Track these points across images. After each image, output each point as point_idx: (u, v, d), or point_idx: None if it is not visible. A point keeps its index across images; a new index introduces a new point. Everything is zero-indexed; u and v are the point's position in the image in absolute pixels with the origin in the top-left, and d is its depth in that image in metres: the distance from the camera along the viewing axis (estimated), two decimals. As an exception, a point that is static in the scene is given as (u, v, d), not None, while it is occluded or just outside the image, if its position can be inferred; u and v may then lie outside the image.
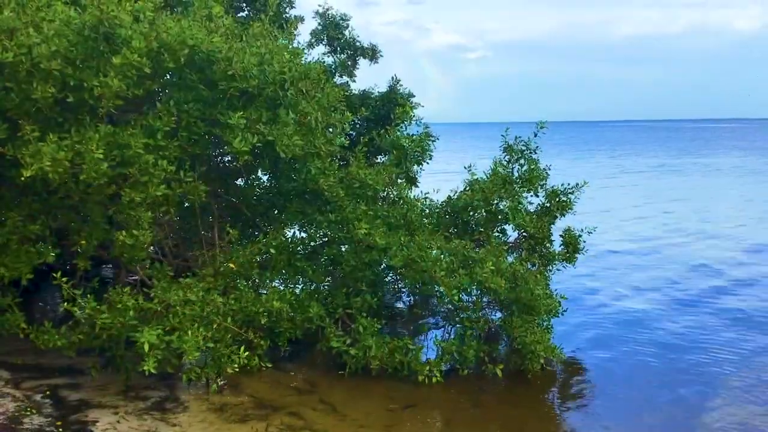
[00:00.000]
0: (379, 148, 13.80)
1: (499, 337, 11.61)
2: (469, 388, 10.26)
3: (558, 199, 12.68)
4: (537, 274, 11.29)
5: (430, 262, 10.44)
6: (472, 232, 12.60)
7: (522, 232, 12.62)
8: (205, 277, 10.23)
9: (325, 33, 14.94)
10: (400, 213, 11.78)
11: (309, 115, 9.94)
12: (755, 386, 10.46)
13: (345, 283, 11.47)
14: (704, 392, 10.32)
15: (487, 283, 10.42)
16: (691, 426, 9.23)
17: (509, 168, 12.67)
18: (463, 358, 10.54)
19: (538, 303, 10.66)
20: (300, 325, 10.60)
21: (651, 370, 11.27)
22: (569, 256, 12.69)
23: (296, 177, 11.37)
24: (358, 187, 11.48)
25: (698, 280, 17.61)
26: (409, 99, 15.17)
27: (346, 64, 15.22)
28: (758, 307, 14.87)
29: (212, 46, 9.20)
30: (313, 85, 10.22)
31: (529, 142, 12.63)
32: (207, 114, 9.62)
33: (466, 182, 12.62)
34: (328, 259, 11.73)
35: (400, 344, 10.54)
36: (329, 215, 11.32)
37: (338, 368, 10.58)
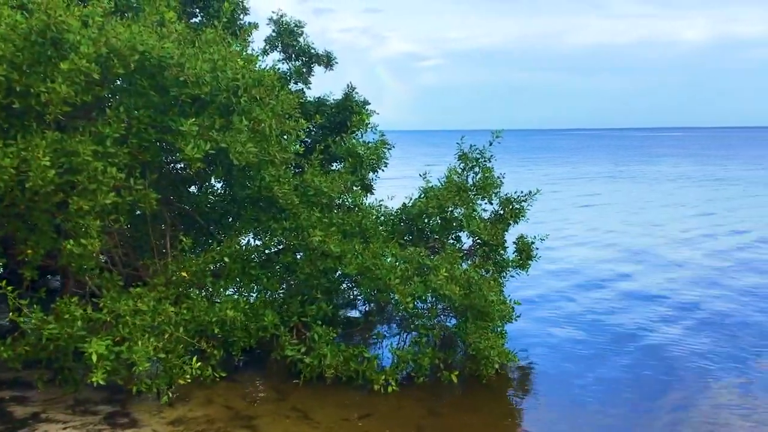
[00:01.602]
0: (334, 155, 13.77)
1: (454, 344, 11.68)
2: (424, 396, 10.27)
3: (511, 206, 12.84)
4: (491, 281, 11.38)
5: (384, 270, 10.45)
6: (427, 240, 12.67)
7: (476, 239, 12.73)
8: (156, 287, 10.04)
9: (280, 40, 14.84)
10: (356, 220, 11.77)
11: (263, 122, 9.86)
12: (709, 383, 10.76)
13: (300, 291, 11.42)
14: (658, 391, 10.58)
15: (441, 290, 10.48)
16: (646, 425, 9.41)
17: (464, 176, 12.78)
18: (419, 365, 10.58)
19: (492, 309, 10.74)
20: (254, 334, 10.49)
21: (604, 371, 11.46)
22: (522, 262, 12.85)
23: (250, 184, 11.27)
24: (313, 195, 11.44)
25: (647, 280, 18.05)
26: (365, 106, 15.16)
27: (301, 71, 15.14)
28: (710, 305, 15.34)
29: (163, 51, 9.05)
30: (267, 92, 10.12)
31: (484, 151, 12.76)
32: (158, 120, 9.46)
33: (421, 190, 12.68)
34: (282, 266, 11.64)
35: (355, 352, 10.53)
36: (284, 223, 11.25)
37: (293, 377, 10.51)
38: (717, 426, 9.30)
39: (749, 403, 10.05)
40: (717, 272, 19.03)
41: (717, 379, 11.02)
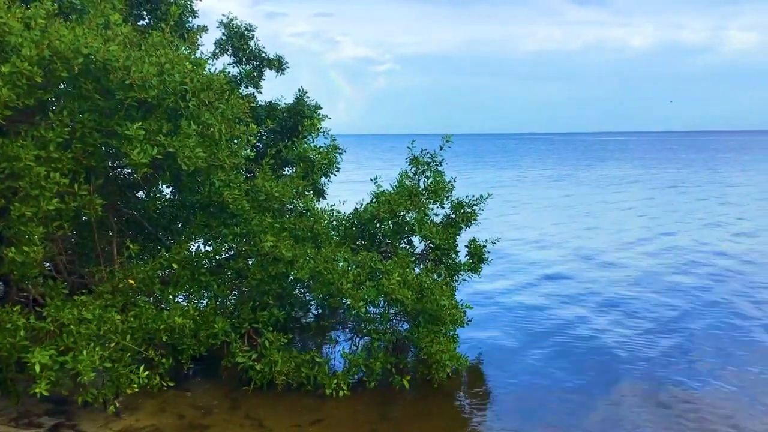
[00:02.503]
0: (286, 160, 13.70)
1: (406, 348, 11.70)
2: (376, 401, 10.27)
3: (463, 210, 12.93)
4: (443, 285, 11.43)
5: (337, 275, 10.43)
6: (379, 244, 12.69)
7: (428, 244, 12.79)
8: (102, 294, 9.82)
9: (230, 43, 14.69)
10: (307, 225, 11.71)
11: (212, 127, 9.73)
12: (655, 380, 11.00)
13: (251, 297, 11.30)
14: (607, 389, 10.80)
15: (393, 294, 10.50)
16: (596, 423, 9.59)
17: (415, 180, 12.83)
18: (371, 370, 10.57)
19: (443, 313, 10.80)
20: (204, 342, 10.34)
21: (554, 372, 11.62)
22: (474, 266, 12.96)
23: (200, 190, 11.13)
24: (264, 200, 11.35)
25: (593, 281, 18.40)
26: (317, 111, 15.11)
27: (252, 75, 15.01)
28: (655, 305, 15.70)
29: (108, 54, 8.85)
30: (217, 95, 10.00)
31: (435, 155, 12.85)
32: (103, 125, 9.26)
33: (373, 194, 12.69)
34: (233, 272, 11.52)
35: (306, 358, 10.47)
36: (235, 228, 11.12)
37: (243, 385, 10.40)
38: (661, 419, 9.55)
39: (690, 396, 10.33)
40: (659, 272, 19.49)
41: (661, 376, 11.29)
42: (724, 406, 10.10)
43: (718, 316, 14.98)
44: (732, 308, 15.64)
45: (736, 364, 11.93)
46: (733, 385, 10.92)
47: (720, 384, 10.99)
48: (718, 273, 19.48)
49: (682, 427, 9.43)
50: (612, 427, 9.46)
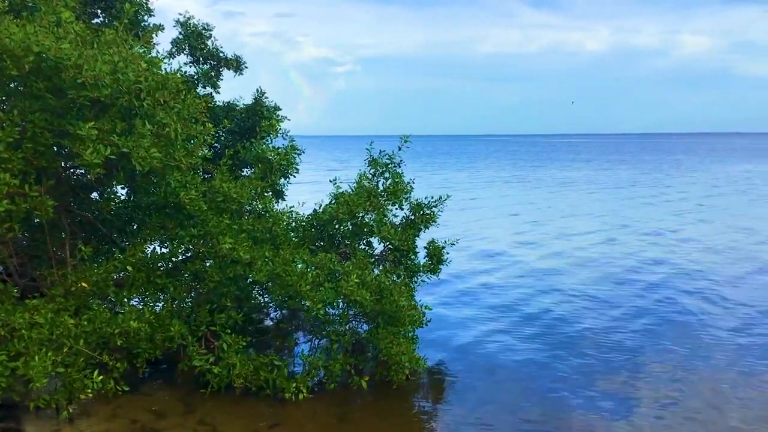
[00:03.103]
0: (244, 161, 13.56)
1: (365, 350, 11.69)
2: (335, 402, 10.23)
3: (422, 212, 12.97)
4: (402, 286, 11.45)
5: (295, 276, 10.36)
6: (338, 245, 12.64)
7: (387, 245, 12.79)
8: (54, 298, 9.61)
9: (187, 42, 14.47)
10: (266, 227, 11.62)
11: (167, 127, 9.58)
12: (611, 383, 11.12)
13: (209, 300, 11.16)
14: (563, 388, 10.91)
15: (352, 295, 10.47)
16: (554, 423, 9.69)
17: (374, 181, 12.82)
18: (330, 372, 10.53)
19: (402, 314, 10.81)
20: (160, 345, 10.19)
21: (512, 374, 11.70)
22: (433, 267, 13.01)
23: (155, 191, 10.97)
24: (222, 201, 11.22)
25: (548, 280, 18.60)
26: (276, 112, 14.98)
27: (209, 75, 14.81)
28: (610, 301, 15.96)
29: (60, 52, 8.67)
30: (172, 95, 9.86)
31: (393, 156, 12.86)
32: (55, 124, 9.06)
33: (331, 195, 12.65)
34: (190, 274, 11.35)
35: (265, 361, 10.38)
36: (191, 230, 10.98)
37: (201, 388, 10.27)
38: (619, 419, 9.71)
39: (648, 388, 10.53)
40: (608, 265, 19.86)
41: (617, 374, 11.48)
42: (683, 400, 10.32)
43: (660, 312, 15.38)
44: (669, 305, 16.08)
45: (685, 359, 12.21)
46: (688, 381, 11.17)
47: (675, 379, 11.23)
48: (657, 273, 19.90)
49: (640, 420, 9.60)
50: (570, 426, 9.58)
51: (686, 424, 9.56)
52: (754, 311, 15.47)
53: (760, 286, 18.11)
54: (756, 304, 16.06)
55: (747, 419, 9.72)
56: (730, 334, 13.76)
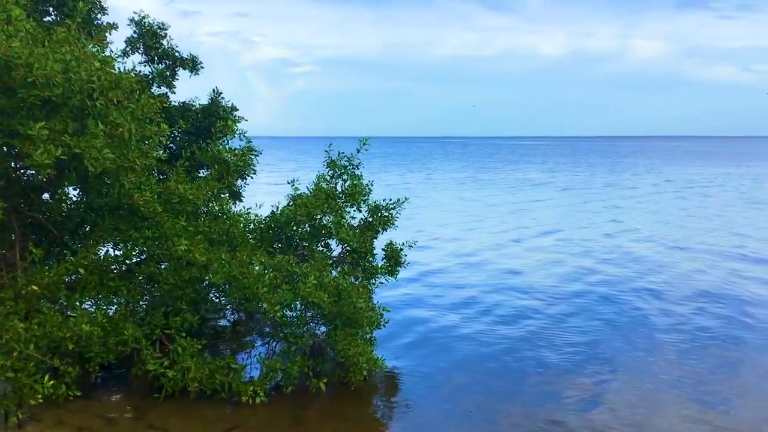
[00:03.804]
0: (200, 162, 13.38)
1: (323, 352, 11.64)
2: (293, 405, 10.18)
3: (380, 213, 12.99)
4: (360, 288, 11.45)
5: (252, 278, 10.28)
6: (296, 247, 12.59)
7: (345, 247, 12.78)
8: (4, 301, 9.36)
9: (141, 41, 14.23)
10: (223, 228, 11.50)
11: (121, 127, 9.40)
12: (561, 385, 11.28)
13: (164, 302, 11.00)
14: (521, 389, 11.04)
15: (310, 297, 10.43)
16: (510, 422, 9.78)
17: (332, 183, 12.81)
18: (288, 374, 10.47)
19: (360, 316, 10.82)
20: (113, 349, 9.99)
21: (469, 373, 11.80)
22: (391, 269, 13.05)
23: (108, 192, 10.74)
24: (178, 202, 11.06)
25: (506, 287, 18.79)
26: (232, 112, 14.82)
27: (165, 75, 14.58)
28: (564, 298, 16.20)
29: (10, 51, 8.43)
30: (126, 95, 9.68)
31: (352, 158, 12.86)
32: (4, 124, 8.82)
33: (289, 197, 12.58)
34: (145, 277, 11.16)
35: (221, 364, 10.27)
36: (146, 231, 10.79)
37: (155, 393, 10.11)
38: (579, 418, 9.86)
39: (606, 394, 10.72)
40: (577, 270, 20.20)
41: (576, 374, 11.66)
42: (630, 402, 10.53)
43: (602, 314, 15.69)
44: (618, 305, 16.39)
45: (634, 357, 12.47)
46: (638, 382, 11.40)
47: (621, 379, 11.45)
48: (604, 273, 20.30)
49: (593, 424, 9.76)
50: (530, 424, 9.69)
51: (630, 417, 9.78)
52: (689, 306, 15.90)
53: (678, 280, 18.60)
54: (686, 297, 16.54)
55: (676, 415, 9.99)
56: (670, 329, 14.12)
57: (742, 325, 14.69)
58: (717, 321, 15.04)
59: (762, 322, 14.96)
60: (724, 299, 16.97)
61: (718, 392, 10.92)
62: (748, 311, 15.81)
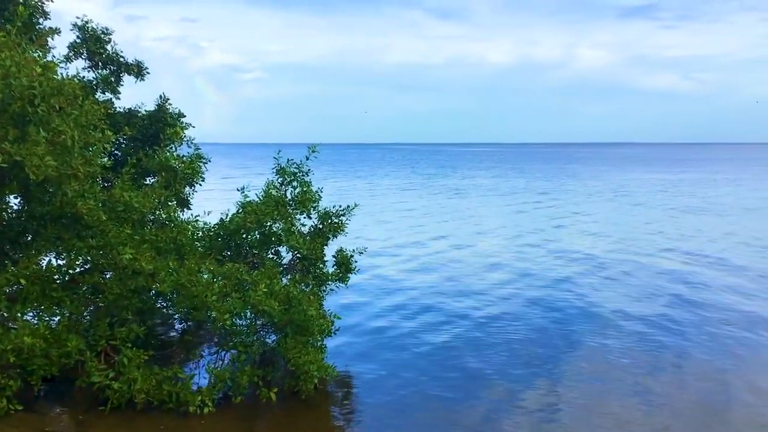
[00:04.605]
0: (147, 169, 13.17)
1: (274, 361, 11.54)
2: (242, 415, 10.05)
3: (330, 220, 12.97)
4: (311, 295, 11.39)
5: (201, 287, 10.15)
6: (246, 255, 12.48)
7: (296, 254, 12.71)
8: (-60, 313, 9.04)
9: (85, 47, 13.95)
10: (170, 236, 11.33)
11: (64, 134, 9.19)
12: (520, 384, 11.44)
13: (109, 313, 10.75)
14: (472, 394, 11.10)
15: (260, 305, 10.34)
16: (461, 426, 9.86)
17: (282, 190, 12.74)
18: (237, 384, 10.33)
19: (311, 323, 10.74)
20: (56, 361, 9.72)
21: (421, 379, 11.82)
22: (342, 276, 13.02)
23: (51, 200, 10.48)
24: (123, 211, 10.86)
25: (457, 291, 18.95)
26: (180, 119, 14.63)
27: (109, 80, 14.31)
28: (506, 304, 16.40)
29: (-55, 55, 8.20)
30: (69, 101, 9.47)
31: (302, 165, 12.81)
32: (-60, 130, 8.55)
33: (239, 204, 12.47)
34: (89, 287, 10.90)
35: (169, 374, 10.09)
36: (90, 241, 10.56)
37: (100, 405, 9.86)
38: (522, 417, 9.99)
39: (550, 395, 10.89)
40: (512, 273, 20.50)
41: (522, 376, 11.81)
42: (581, 402, 10.73)
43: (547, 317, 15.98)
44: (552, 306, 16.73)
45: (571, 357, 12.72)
46: (585, 382, 11.62)
47: (570, 379, 11.66)
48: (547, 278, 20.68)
49: (542, 426, 9.91)
50: (476, 429, 9.77)
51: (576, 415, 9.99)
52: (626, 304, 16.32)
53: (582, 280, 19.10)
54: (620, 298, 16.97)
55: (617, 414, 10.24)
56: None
57: (666, 321, 15.24)
58: (641, 321, 15.45)
59: (686, 321, 15.42)
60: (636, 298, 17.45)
61: (652, 389, 11.21)
62: (670, 311, 16.33)
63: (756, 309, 16.74)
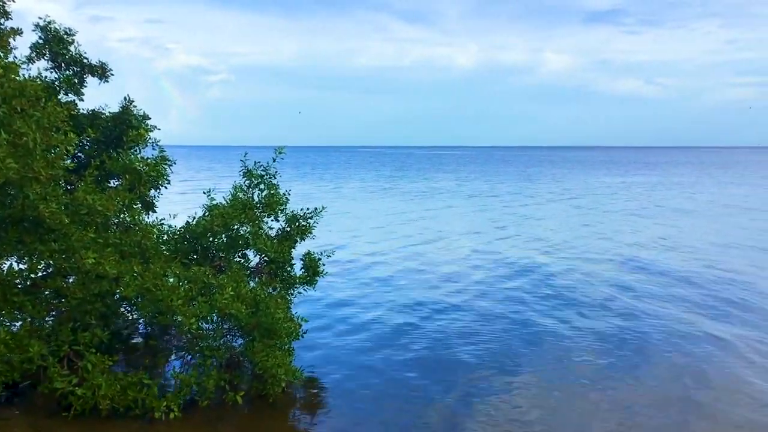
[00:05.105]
0: (111, 171, 12.97)
1: (240, 364, 11.46)
2: (209, 420, 9.96)
3: (298, 223, 12.94)
4: (278, 298, 11.35)
5: (166, 291, 10.04)
6: (213, 258, 12.38)
7: (263, 257, 12.65)
8: None
9: (48, 47, 13.69)
10: (135, 240, 11.19)
11: (25, 136, 9.03)
12: (483, 389, 11.49)
13: (72, 318, 10.58)
14: (438, 398, 11.12)
15: (227, 309, 10.27)
16: (430, 426, 9.90)
17: (249, 193, 12.67)
18: (203, 388, 10.22)
19: (279, 326, 10.70)
20: (18, 367, 9.54)
21: (388, 383, 11.82)
22: (310, 279, 12.99)
23: (12, 203, 10.27)
24: (86, 214, 10.69)
25: (419, 288, 19.02)
26: (145, 120, 14.44)
27: (72, 82, 14.05)
28: (471, 307, 16.50)
29: None
30: (31, 102, 9.31)
31: (269, 167, 12.76)
32: None
33: (205, 207, 12.36)
34: (51, 292, 10.72)
35: (134, 380, 9.96)
36: (52, 244, 10.37)
37: (63, 411, 9.70)
38: (491, 418, 10.07)
39: (515, 402, 10.99)
40: (484, 276, 20.64)
41: (488, 379, 11.89)
42: (543, 401, 10.85)
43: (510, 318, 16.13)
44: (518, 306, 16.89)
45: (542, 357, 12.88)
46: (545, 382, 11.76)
47: (532, 378, 11.79)
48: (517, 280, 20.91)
49: (505, 422, 10.00)
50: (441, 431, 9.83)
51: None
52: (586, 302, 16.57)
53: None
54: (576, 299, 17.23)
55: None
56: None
57: (629, 320, 15.41)
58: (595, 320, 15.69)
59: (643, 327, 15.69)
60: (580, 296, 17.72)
61: (618, 387, 11.39)
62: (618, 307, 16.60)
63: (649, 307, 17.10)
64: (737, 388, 11.64)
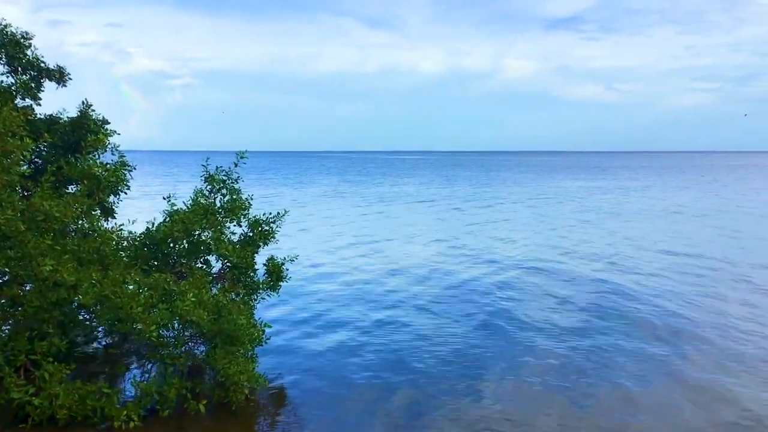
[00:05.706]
0: (69, 177, 12.75)
1: (202, 372, 11.34)
2: (170, 429, 9.82)
3: (260, 228, 12.85)
4: (241, 304, 11.26)
5: (126, 298, 9.89)
6: (174, 264, 12.23)
7: (226, 263, 12.54)
8: None
9: (3, 51, 13.42)
10: (93, 246, 11.00)
11: (-20, 141, 8.85)
12: (452, 392, 11.53)
13: (28, 326, 10.35)
14: (402, 403, 11.12)
15: (188, 316, 10.16)
16: (398, 427, 9.93)
17: (211, 198, 12.56)
18: (164, 397, 10.07)
19: (241, 333, 10.60)
20: (-28, 378, 9.31)
21: (352, 388, 11.78)
22: (273, 284, 12.91)
23: (-35, 210, 10.04)
24: (43, 220, 10.48)
25: (384, 297, 19.03)
26: (104, 125, 14.22)
27: (29, 86, 13.78)
28: (441, 305, 16.56)
29: None
30: (-15, 107, 9.12)
31: (231, 172, 12.66)
32: None
33: (166, 213, 12.22)
34: (7, 300, 10.47)
35: (93, 389, 9.78)
36: (8, 252, 10.15)
37: (20, 422, 9.48)
38: (459, 420, 10.11)
39: (480, 392, 11.06)
40: (448, 274, 20.75)
41: (454, 380, 11.93)
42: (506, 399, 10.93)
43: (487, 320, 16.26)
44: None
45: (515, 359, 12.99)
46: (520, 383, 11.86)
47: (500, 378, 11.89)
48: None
49: (478, 420, 10.06)
50: None
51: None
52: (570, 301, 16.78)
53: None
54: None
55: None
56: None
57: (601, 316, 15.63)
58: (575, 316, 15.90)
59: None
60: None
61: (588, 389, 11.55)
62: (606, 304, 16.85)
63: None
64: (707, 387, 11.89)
